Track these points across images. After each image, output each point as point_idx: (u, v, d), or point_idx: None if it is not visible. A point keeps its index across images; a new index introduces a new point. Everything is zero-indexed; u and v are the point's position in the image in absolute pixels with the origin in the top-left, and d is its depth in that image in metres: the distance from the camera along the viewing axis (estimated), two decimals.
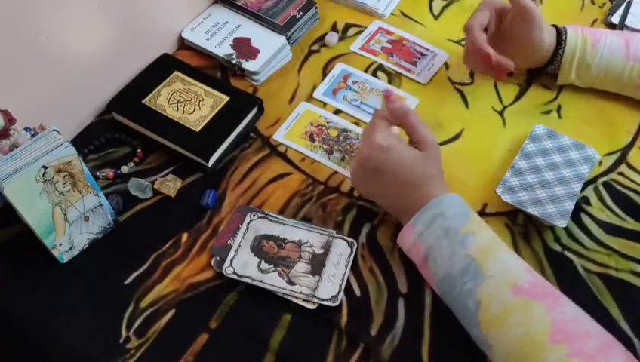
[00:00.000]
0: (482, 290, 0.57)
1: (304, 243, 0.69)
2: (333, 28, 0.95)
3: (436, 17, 0.97)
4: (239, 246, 0.68)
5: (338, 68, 0.89)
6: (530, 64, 0.84)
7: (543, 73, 0.85)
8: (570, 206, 0.70)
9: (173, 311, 0.65)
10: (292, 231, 0.70)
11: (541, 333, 0.53)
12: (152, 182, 0.75)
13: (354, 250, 0.69)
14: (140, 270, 0.68)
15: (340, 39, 0.93)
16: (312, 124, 0.82)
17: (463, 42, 0.92)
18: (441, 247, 0.61)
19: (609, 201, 0.74)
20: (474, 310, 0.57)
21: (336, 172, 0.77)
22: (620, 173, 0.77)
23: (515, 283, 0.57)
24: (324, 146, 0.80)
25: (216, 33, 0.90)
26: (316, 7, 0.94)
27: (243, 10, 0.92)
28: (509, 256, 0.60)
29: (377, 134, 0.65)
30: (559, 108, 0.84)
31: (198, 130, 0.77)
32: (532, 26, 0.78)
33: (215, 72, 0.88)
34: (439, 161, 0.66)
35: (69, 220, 0.65)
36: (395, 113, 0.67)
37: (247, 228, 0.70)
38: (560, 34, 0.80)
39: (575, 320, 0.54)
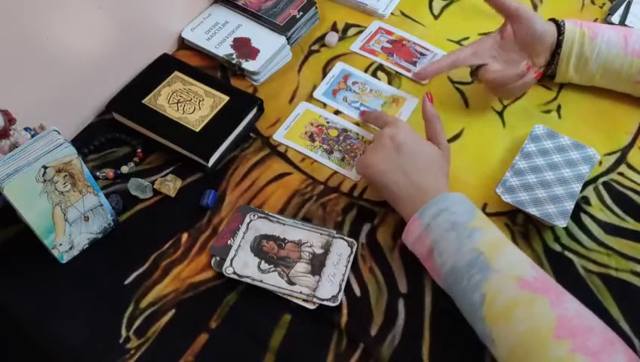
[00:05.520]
0: (489, 284, 0.57)
1: (304, 243, 0.69)
2: (333, 28, 0.95)
3: (436, 17, 0.97)
4: (239, 246, 0.68)
5: (338, 67, 0.89)
6: (544, 57, 0.82)
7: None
8: (570, 206, 0.70)
9: (173, 311, 0.65)
10: (292, 231, 0.70)
11: (546, 329, 0.53)
12: (152, 182, 0.75)
13: (354, 250, 0.69)
14: (140, 270, 0.68)
15: (340, 39, 0.93)
16: (312, 124, 0.82)
17: (463, 42, 0.92)
18: (448, 240, 0.61)
19: (609, 201, 0.74)
20: (479, 304, 0.57)
21: (336, 172, 0.77)
22: (620, 173, 0.77)
23: (522, 277, 0.57)
24: (324, 146, 0.80)
25: (216, 33, 0.90)
26: (316, 7, 0.94)
27: (243, 10, 0.92)
28: (515, 252, 0.60)
29: (405, 122, 0.73)
30: (559, 108, 0.84)
31: (198, 130, 0.77)
32: (531, 20, 0.78)
33: (215, 72, 0.88)
34: (449, 165, 0.71)
35: (69, 220, 0.65)
36: (426, 114, 0.73)
37: (247, 228, 0.70)
38: (559, 27, 0.79)
39: (579, 316, 0.54)
